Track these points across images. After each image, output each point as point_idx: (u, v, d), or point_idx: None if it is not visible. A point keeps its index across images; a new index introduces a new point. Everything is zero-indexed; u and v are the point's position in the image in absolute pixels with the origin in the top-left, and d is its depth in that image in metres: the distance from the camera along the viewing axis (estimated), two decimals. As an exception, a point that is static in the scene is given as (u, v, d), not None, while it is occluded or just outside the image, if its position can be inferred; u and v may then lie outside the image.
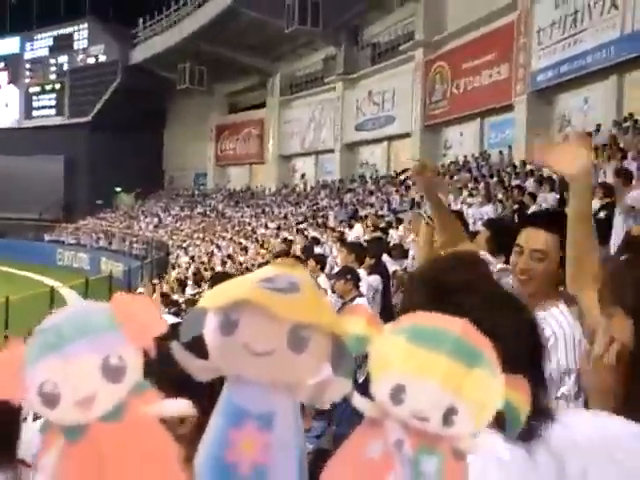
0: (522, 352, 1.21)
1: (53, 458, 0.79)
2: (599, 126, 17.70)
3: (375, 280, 7.00)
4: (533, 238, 2.31)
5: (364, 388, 0.82)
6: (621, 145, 14.10)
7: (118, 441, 0.78)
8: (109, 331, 0.78)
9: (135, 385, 0.79)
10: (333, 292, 6.55)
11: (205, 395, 0.87)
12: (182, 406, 0.82)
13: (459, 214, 3.94)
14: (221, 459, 0.78)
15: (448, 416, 0.77)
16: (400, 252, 11.01)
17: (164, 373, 0.90)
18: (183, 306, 11.49)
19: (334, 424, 5.70)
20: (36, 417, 2.31)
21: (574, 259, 1.96)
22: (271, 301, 0.75)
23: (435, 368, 0.77)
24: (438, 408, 0.76)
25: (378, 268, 7.43)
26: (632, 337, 1.29)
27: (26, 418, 2.26)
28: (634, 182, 8.86)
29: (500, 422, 0.84)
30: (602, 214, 9.18)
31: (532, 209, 12.45)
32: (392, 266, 8.94)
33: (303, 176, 34.00)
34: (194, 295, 12.93)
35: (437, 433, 0.78)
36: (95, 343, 0.76)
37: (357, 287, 6.30)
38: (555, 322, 2.26)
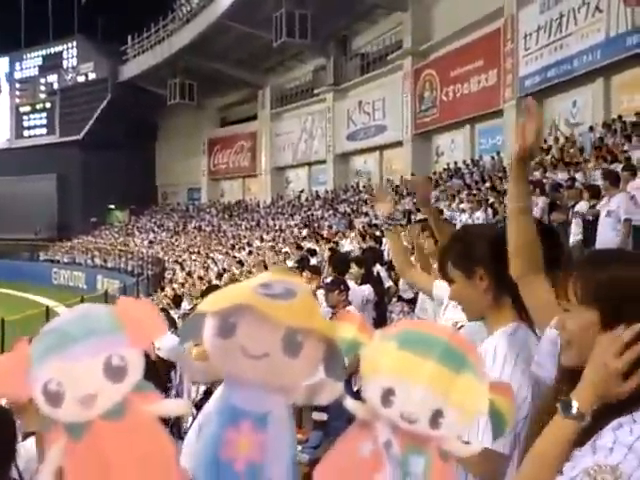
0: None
1: (56, 455, 0.82)
2: (592, 128, 17.83)
3: (366, 289, 6.98)
4: None
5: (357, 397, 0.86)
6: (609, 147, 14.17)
7: (119, 438, 0.81)
8: (112, 333, 0.82)
9: (136, 385, 0.83)
10: (326, 302, 6.58)
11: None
12: (180, 406, 0.86)
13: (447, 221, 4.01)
14: (217, 456, 0.81)
15: (436, 418, 0.82)
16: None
17: None
18: (179, 322, 11.41)
19: (331, 435, 5.71)
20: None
21: (518, 251, 1.89)
22: (267, 306, 0.79)
23: (424, 372, 0.82)
24: (426, 410, 0.81)
25: (370, 278, 7.40)
26: (595, 328, 1.33)
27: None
28: (621, 184, 8.91)
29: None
30: (590, 217, 9.23)
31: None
32: (387, 281, 8.96)
33: (302, 191, 33.94)
34: (190, 310, 12.88)
35: (425, 434, 0.83)
36: (98, 344, 0.80)
37: (347, 297, 6.36)
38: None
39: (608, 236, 8.20)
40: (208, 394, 3.78)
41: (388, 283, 8.98)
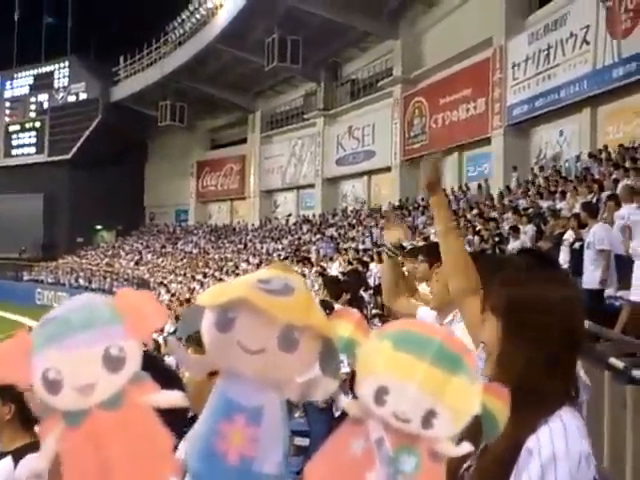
0: None
1: (52, 443, 0.83)
2: (578, 157, 18.06)
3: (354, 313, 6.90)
4: None
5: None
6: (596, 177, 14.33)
7: (115, 428, 0.83)
8: (111, 324, 0.83)
9: (133, 375, 0.84)
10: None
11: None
12: (176, 397, 0.86)
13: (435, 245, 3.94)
14: (210, 448, 0.82)
15: (428, 418, 0.82)
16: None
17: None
18: (162, 343, 11.31)
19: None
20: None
21: (454, 270, 2.03)
22: (265, 302, 0.79)
23: (417, 373, 0.82)
24: (419, 410, 0.82)
25: (355, 302, 7.33)
26: (500, 337, 1.42)
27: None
28: (605, 214, 8.96)
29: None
30: (577, 245, 9.25)
31: (513, 242, 12.54)
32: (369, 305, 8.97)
33: (290, 215, 34.00)
34: (173, 332, 12.76)
35: (417, 434, 0.83)
36: (97, 335, 0.81)
37: None
38: None
39: (589, 269, 8.21)
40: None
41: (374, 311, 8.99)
